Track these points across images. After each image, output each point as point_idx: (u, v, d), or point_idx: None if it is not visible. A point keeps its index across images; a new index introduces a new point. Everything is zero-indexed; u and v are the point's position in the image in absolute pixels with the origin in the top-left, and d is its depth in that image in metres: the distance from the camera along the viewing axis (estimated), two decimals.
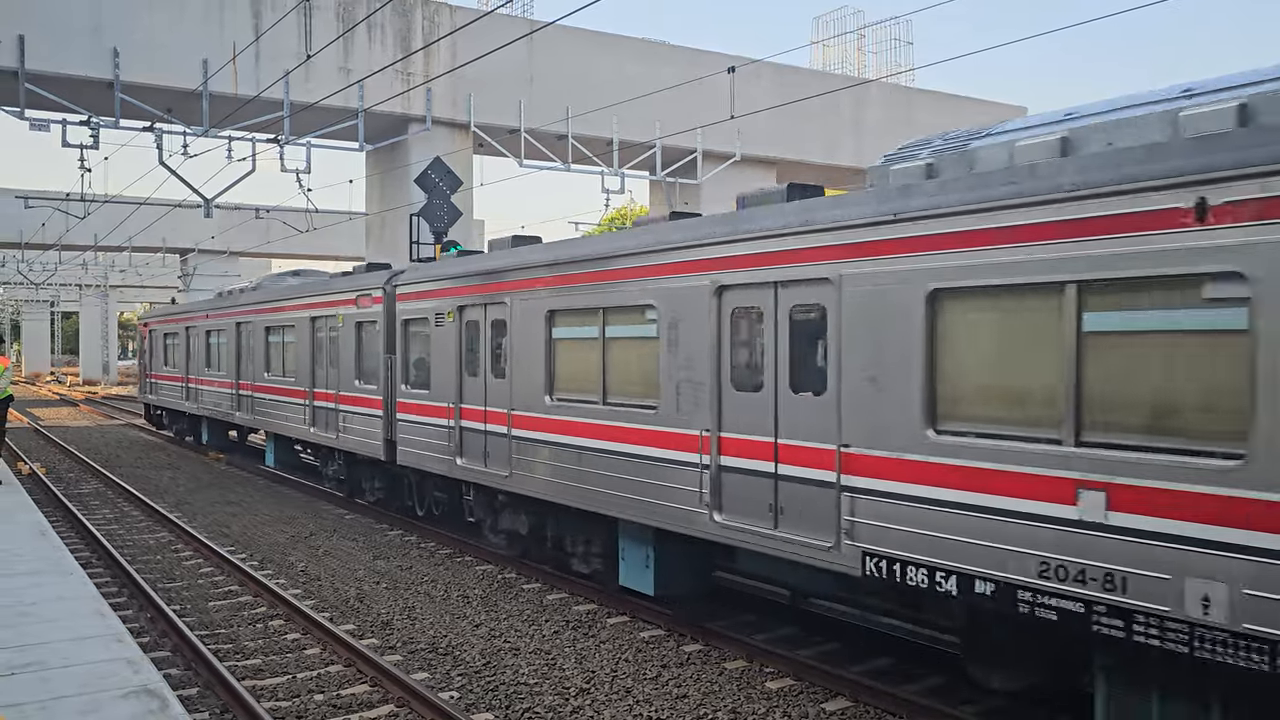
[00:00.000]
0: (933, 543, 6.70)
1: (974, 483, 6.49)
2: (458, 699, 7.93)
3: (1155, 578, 5.54)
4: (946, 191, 6.70)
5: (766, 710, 7.68)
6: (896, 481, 7.03)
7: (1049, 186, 6.06)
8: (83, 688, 6.26)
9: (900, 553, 6.95)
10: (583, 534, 11.01)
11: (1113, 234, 5.76)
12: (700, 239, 8.77)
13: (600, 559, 10.81)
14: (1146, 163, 5.63)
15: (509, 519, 12.23)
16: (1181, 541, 5.47)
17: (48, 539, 11.15)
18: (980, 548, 6.41)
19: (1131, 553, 5.65)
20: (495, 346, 11.93)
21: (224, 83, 23.90)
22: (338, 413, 16.63)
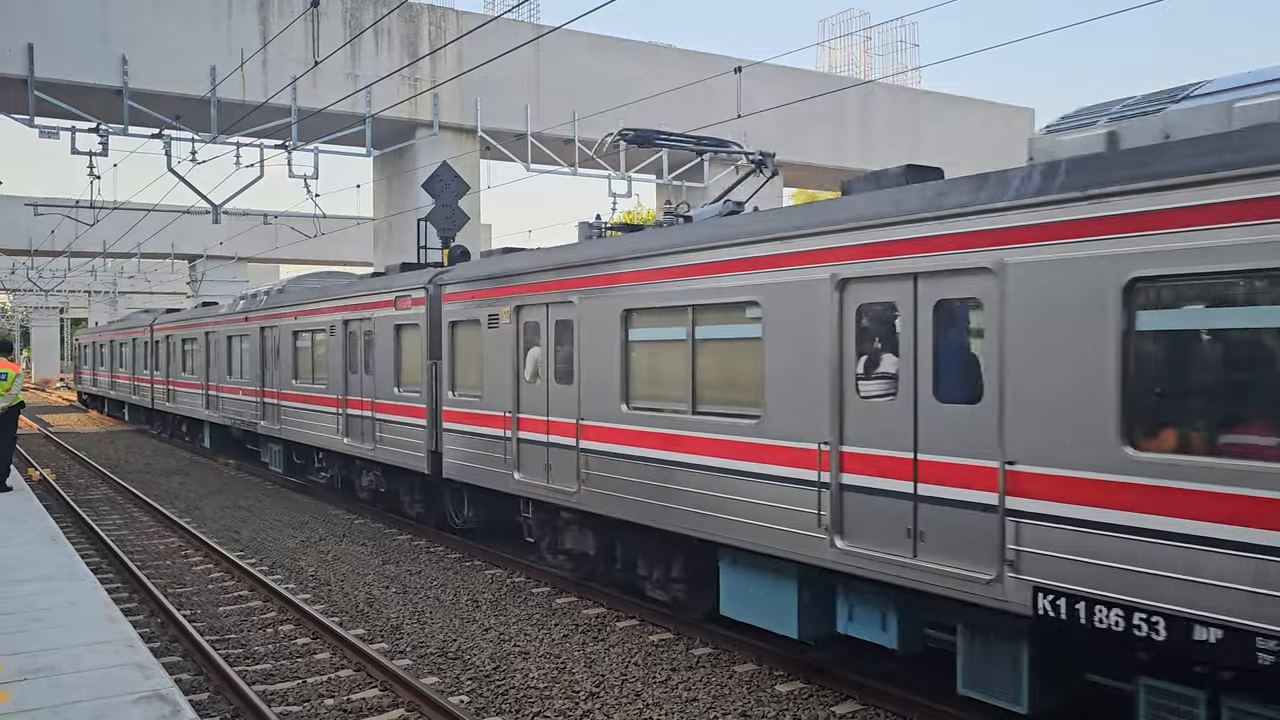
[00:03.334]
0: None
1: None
2: (468, 703, 7.94)
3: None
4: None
5: (776, 713, 7.68)
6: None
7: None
8: (95, 693, 6.28)
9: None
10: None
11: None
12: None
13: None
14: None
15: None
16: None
17: (59, 545, 11.19)
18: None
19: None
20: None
21: (232, 89, 24.00)
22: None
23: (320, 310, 17.66)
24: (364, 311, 15.93)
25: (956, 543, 6.67)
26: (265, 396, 20.42)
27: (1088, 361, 5.87)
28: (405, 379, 14.62)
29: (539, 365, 11.23)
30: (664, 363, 9.45)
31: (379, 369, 15.33)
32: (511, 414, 11.65)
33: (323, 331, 17.62)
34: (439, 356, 13.51)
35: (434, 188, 20.38)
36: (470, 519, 14.00)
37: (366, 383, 15.84)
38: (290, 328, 19.19)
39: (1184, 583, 5.45)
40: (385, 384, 15.11)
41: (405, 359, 14.61)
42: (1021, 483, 6.25)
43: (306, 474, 19.67)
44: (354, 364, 16.39)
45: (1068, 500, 6.01)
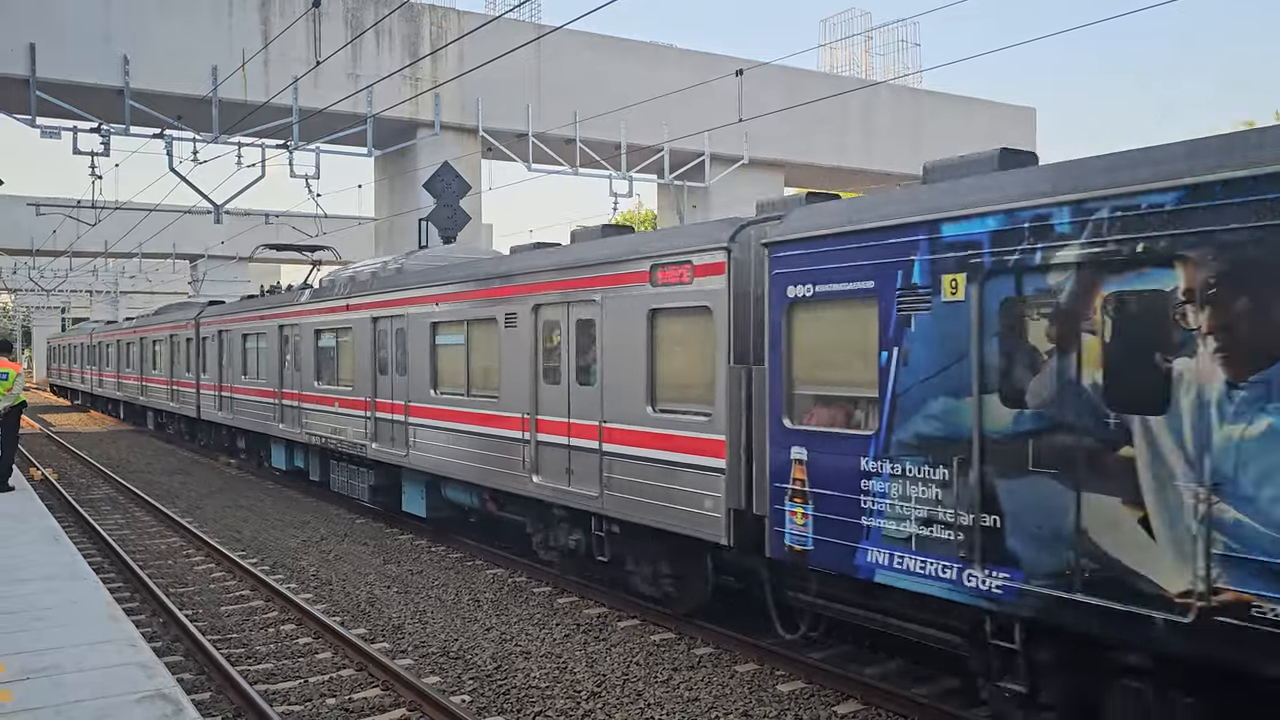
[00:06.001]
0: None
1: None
2: (469, 703, 7.94)
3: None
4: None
5: (778, 713, 7.68)
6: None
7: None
8: (97, 692, 6.29)
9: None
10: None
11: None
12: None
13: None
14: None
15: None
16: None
17: (61, 544, 11.20)
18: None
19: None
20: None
21: (233, 89, 24.03)
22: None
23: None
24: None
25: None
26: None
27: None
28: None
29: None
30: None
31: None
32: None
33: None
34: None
35: (435, 188, 20.41)
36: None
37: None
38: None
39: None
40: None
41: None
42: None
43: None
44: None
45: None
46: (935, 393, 6.82)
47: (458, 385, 13.17)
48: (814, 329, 7.89)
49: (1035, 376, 6.26)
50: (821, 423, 7.77)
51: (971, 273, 6.57)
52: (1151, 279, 5.66)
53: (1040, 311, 6.26)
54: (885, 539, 7.17)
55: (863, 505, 7.34)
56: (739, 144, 30.60)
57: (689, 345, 9.30)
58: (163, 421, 31.08)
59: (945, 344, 6.75)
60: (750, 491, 8.49)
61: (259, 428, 20.64)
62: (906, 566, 7.01)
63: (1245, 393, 5.20)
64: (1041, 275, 6.20)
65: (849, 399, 7.57)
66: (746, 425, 8.58)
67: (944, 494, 6.74)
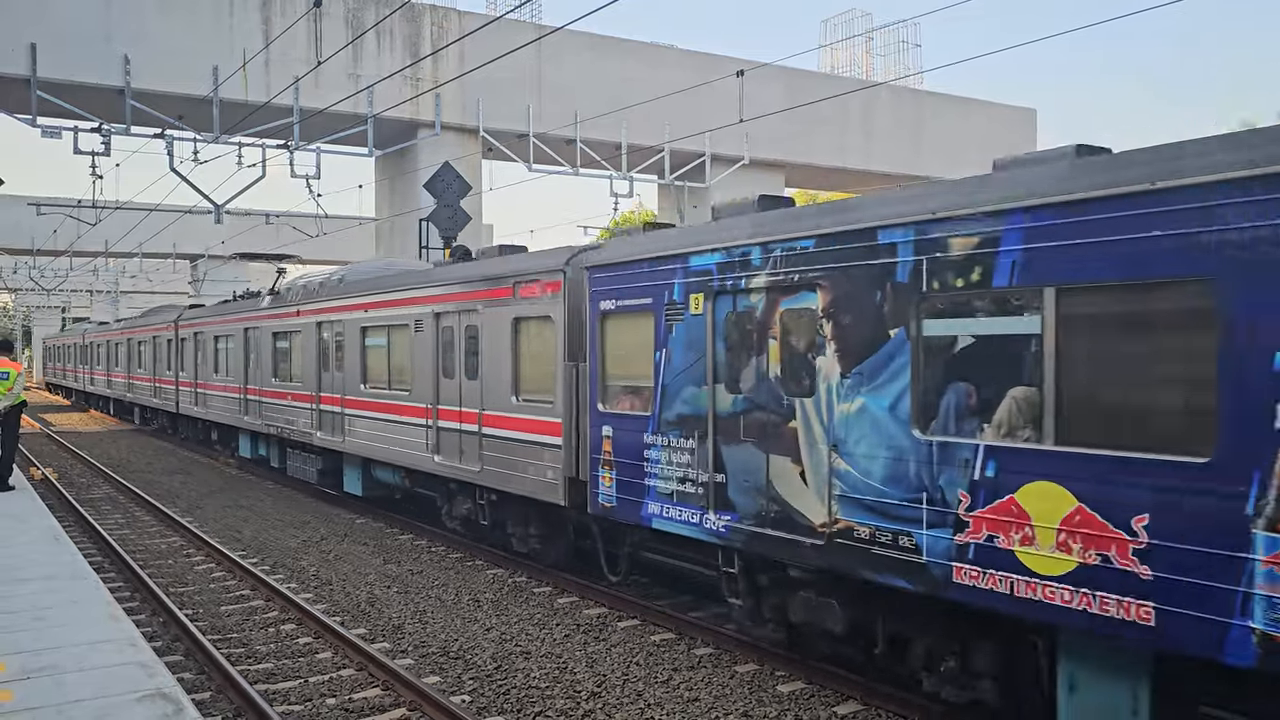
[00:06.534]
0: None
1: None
2: (469, 703, 7.95)
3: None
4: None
5: (778, 714, 7.68)
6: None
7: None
8: (98, 691, 6.29)
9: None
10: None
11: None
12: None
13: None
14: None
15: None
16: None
17: (61, 544, 11.20)
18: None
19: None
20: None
21: (234, 89, 24.04)
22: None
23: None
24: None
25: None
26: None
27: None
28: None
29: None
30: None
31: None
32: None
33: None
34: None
35: (436, 188, 20.42)
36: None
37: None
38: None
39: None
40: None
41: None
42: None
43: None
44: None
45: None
46: (687, 383, 8.96)
47: (381, 381, 15.30)
48: (617, 334, 10.03)
49: (744, 370, 8.37)
50: (621, 407, 9.93)
51: (707, 293, 8.73)
52: (804, 300, 7.75)
53: (746, 322, 8.36)
54: (658, 495, 9.30)
55: (645, 469, 9.49)
56: (739, 144, 30.61)
57: (539, 347, 11.50)
58: (148, 417, 33.34)
59: (692, 346, 8.88)
60: (578, 462, 10.70)
61: (228, 421, 22.77)
62: (671, 515, 9.18)
63: (850, 381, 7.29)
64: (746, 296, 8.34)
65: (637, 388, 9.73)
66: (576, 410, 10.76)
67: (692, 459, 8.88)
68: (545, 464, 11.16)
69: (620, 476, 9.82)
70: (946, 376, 6.76)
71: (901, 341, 6.92)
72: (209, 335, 24.25)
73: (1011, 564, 6.21)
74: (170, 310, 30.71)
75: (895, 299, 6.96)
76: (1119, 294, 5.78)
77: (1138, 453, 5.61)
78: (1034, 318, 6.16)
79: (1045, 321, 6.07)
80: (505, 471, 11.89)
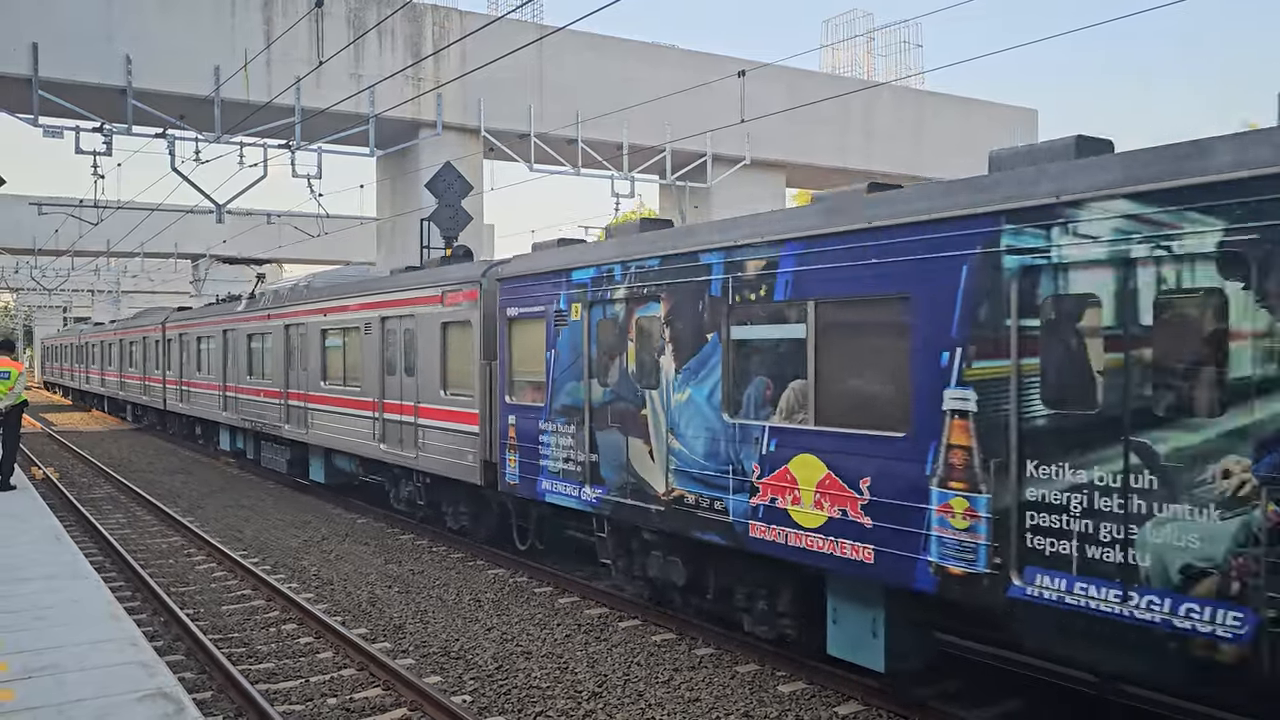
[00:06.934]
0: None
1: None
2: (470, 702, 7.94)
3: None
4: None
5: (779, 714, 7.68)
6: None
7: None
8: (99, 691, 6.29)
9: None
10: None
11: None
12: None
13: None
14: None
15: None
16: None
17: (62, 543, 11.20)
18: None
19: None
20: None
21: (236, 89, 24.02)
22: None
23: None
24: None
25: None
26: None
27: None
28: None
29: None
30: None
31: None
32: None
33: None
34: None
35: (437, 188, 20.39)
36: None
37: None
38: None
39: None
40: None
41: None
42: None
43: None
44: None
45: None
46: (570, 378, 10.60)
47: (338, 378, 16.98)
48: (520, 337, 11.71)
49: (611, 367, 9.96)
50: (523, 399, 11.62)
51: (584, 302, 10.37)
52: (652, 309, 9.42)
53: (611, 327, 9.98)
54: (550, 473, 10.98)
55: (539, 452, 11.17)
56: (741, 145, 30.60)
57: (461, 347, 13.16)
58: (139, 414, 35.30)
59: (573, 347, 10.52)
60: (490, 447, 12.38)
61: (210, 416, 24.54)
62: (559, 490, 10.83)
63: (681, 375, 8.93)
64: (611, 305, 9.97)
65: (535, 383, 11.35)
66: (489, 402, 12.41)
67: (574, 442, 10.51)
68: (466, 449, 12.84)
69: (522, 458, 11.53)
70: (747, 371, 8.41)
71: (716, 343, 8.60)
72: (193, 336, 25.97)
73: (786, 520, 7.89)
74: (159, 312, 32.33)
75: (711, 309, 8.64)
76: (852, 307, 7.44)
77: (863, 430, 7.24)
78: (801, 325, 7.81)
79: (809, 328, 7.73)
80: (436, 457, 13.61)
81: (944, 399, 6.61)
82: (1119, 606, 5.73)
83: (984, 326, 6.40)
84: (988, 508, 6.36)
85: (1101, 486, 5.81)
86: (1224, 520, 5.31)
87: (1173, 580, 5.51)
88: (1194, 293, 5.50)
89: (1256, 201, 5.17)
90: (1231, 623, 5.30)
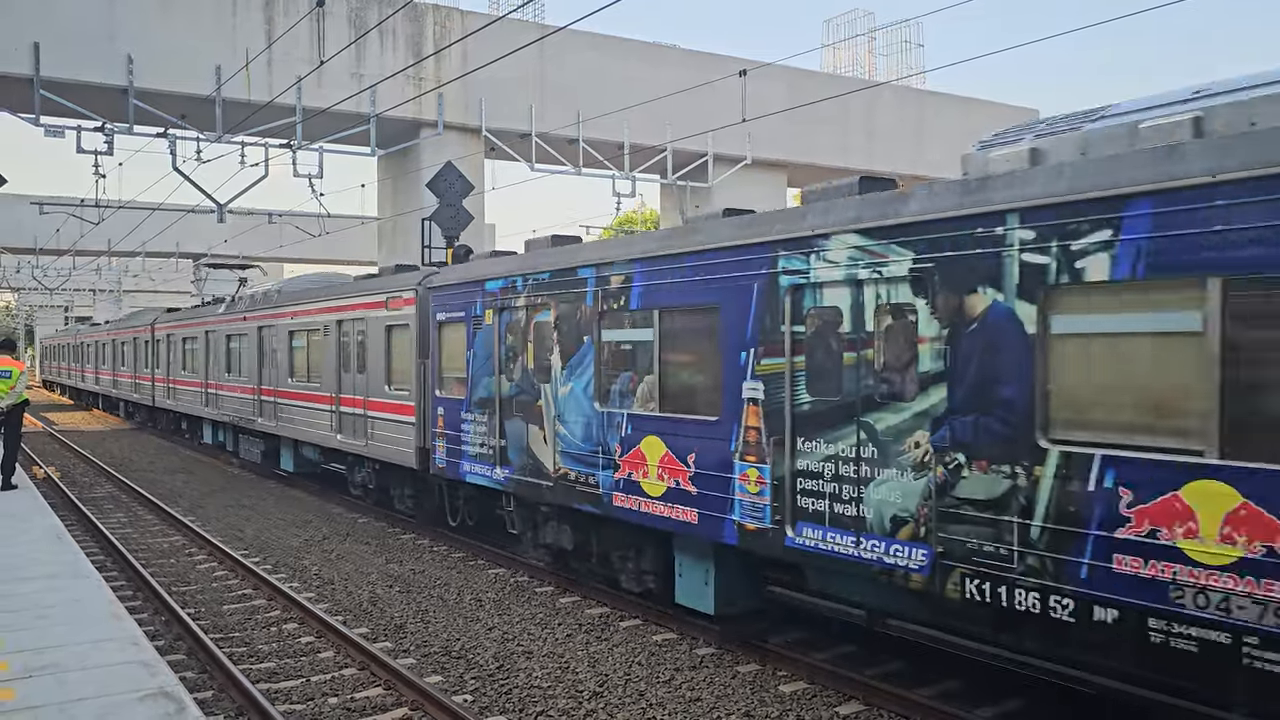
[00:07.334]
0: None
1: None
2: (471, 702, 7.94)
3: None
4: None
5: (780, 714, 7.68)
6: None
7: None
8: (100, 690, 6.29)
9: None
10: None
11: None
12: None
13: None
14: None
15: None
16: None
17: (63, 543, 11.21)
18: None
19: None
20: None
21: (237, 89, 24.02)
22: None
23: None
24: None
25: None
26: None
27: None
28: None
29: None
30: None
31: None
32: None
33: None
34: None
35: (438, 187, 20.40)
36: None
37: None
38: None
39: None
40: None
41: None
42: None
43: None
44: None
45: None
46: (484, 374, 12.21)
47: (302, 374, 18.68)
48: (447, 338, 13.28)
49: (515, 365, 11.57)
50: (450, 393, 13.20)
51: (495, 309, 11.99)
52: (545, 315, 10.97)
53: (515, 330, 11.55)
54: (469, 456, 12.61)
55: (461, 438, 12.78)
56: (742, 144, 30.58)
57: (402, 348, 14.78)
58: (131, 411, 37.06)
59: (487, 348, 12.13)
60: (424, 435, 14.00)
61: (194, 411, 26.31)
62: (477, 471, 12.46)
63: (566, 371, 10.56)
64: (515, 311, 11.57)
65: (459, 378, 12.95)
66: (423, 395, 13.97)
67: (487, 429, 12.14)
68: (405, 438, 14.43)
69: (448, 444, 13.10)
70: (614, 368, 9.93)
71: (590, 344, 10.16)
72: (178, 337, 27.85)
73: (639, 491, 9.48)
74: (148, 314, 34.65)
75: (587, 315, 10.19)
76: (684, 314, 9.05)
77: (691, 415, 8.91)
78: (650, 329, 9.40)
79: (655, 331, 9.34)
80: (382, 445, 15.20)
81: (743, 389, 8.28)
82: (854, 550, 7.38)
83: (768, 332, 8.04)
84: (770, 475, 8.02)
85: (843, 457, 7.45)
86: (915, 480, 6.89)
87: (885, 528, 7.13)
88: (897, 307, 7.05)
89: (933, 238, 6.72)
90: (919, 558, 6.90)
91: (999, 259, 6.32)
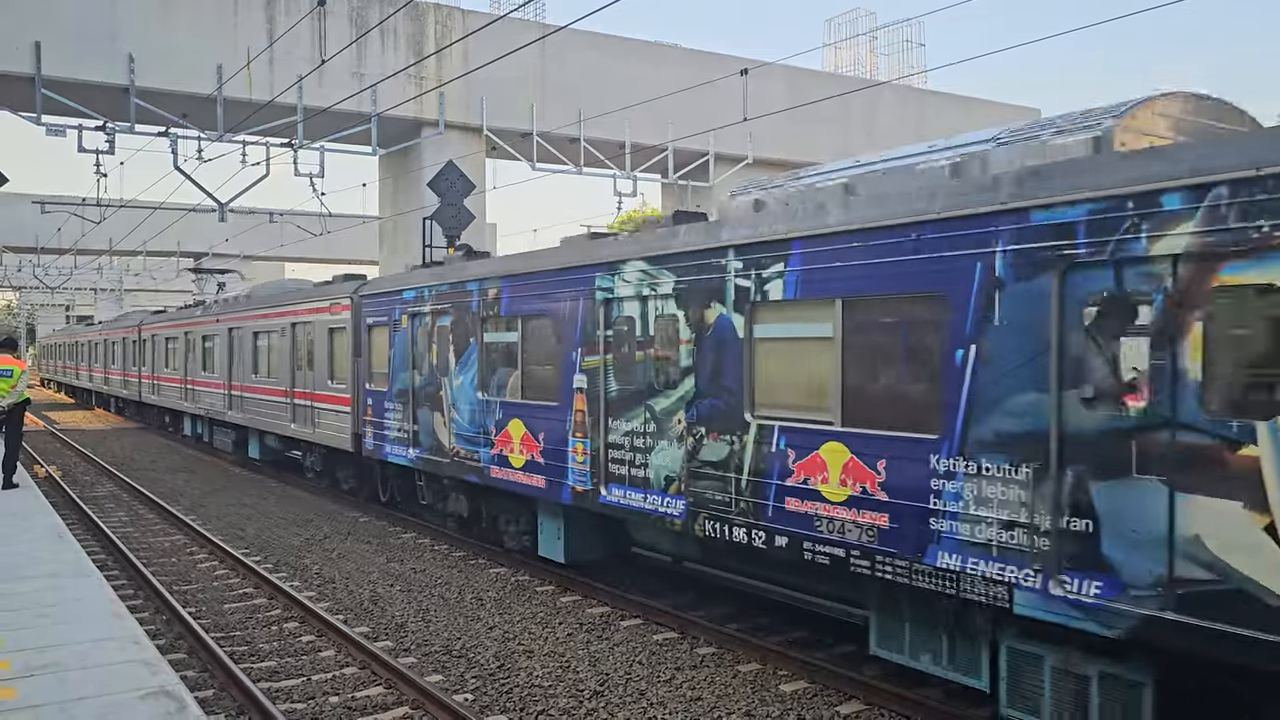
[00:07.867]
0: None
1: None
2: (472, 701, 7.95)
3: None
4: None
5: (780, 713, 7.68)
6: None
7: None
8: (101, 689, 6.29)
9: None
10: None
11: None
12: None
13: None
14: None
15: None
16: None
17: (65, 542, 11.21)
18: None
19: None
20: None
21: (238, 88, 24.03)
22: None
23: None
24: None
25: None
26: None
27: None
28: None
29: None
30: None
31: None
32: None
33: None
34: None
35: (439, 186, 20.39)
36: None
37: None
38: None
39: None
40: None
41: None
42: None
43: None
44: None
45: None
46: (401, 369, 14.22)
47: (264, 371, 20.76)
48: (375, 339, 15.34)
49: (424, 362, 13.55)
50: (377, 386, 15.20)
51: (408, 315, 14.00)
52: (444, 320, 13.03)
53: (424, 333, 13.57)
54: (391, 440, 14.68)
55: (384, 424, 14.85)
56: (743, 144, 30.58)
57: (341, 347, 16.78)
58: (120, 407, 39.69)
59: (403, 348, 14.15)
60: (357, 422, 15.94)
61: (176, 406, 28.57)
62: (396, 453, 14.53)
63: (457, 366, 12.61)
64: (424, 317, 13.58)
65: (383, 374, 14.94)
66: (357, 388, 15.94)
67: (404, 417, 14.16)
68: (343, 425, 16.50)
69: (375, 430, 15.19)
70: (492, 364, 12.03)
71: (475, 345, 12.29)
72: (162, 337, 30.02)
73: (507, 464, 11.63)
74: (136, 315, 37.44)
75: (472, 321, 12.30)
76: (537, 320, 11.16)
77: (541, 401, 10.98)
78: (515, 332, 11.57)
79: (519, 334, 11.47)
80: (326, 431, 17.30)
81: (574, 380, 10.38)
82: (642, 503, 9.45)
83: (590, 335, 10.15)
84: (590, 448, 10.14)
85: (637, 432, 9.53)
86: (677, 449, 8.99)
87: (661, 485, 9.22)
88: (668, 316, 9.15)
89: (687, 264, 8.86)
90: (679, 507, 9.00)
91: (724, 281, 8.48)
